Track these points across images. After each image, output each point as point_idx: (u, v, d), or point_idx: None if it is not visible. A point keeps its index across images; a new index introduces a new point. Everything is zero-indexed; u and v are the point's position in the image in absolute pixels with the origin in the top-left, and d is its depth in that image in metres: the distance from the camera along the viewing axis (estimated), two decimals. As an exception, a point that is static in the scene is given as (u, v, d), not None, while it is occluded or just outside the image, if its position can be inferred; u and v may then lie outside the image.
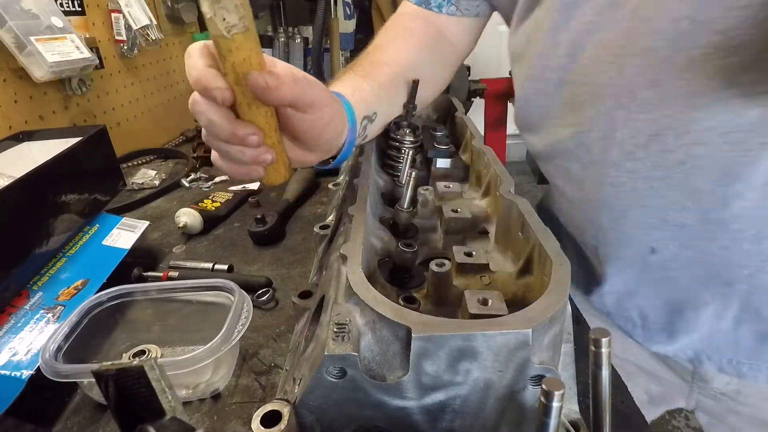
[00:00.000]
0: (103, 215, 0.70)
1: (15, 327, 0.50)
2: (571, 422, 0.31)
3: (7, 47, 0.84)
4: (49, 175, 0.59)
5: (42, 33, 0.89)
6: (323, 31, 0.90)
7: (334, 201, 0.68)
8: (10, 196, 0.52)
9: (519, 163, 3.36)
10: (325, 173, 1.00)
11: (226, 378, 0.48)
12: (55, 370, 0.41)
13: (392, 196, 0.56)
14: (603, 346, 0.27)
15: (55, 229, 0.59)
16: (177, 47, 1.49)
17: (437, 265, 0.37)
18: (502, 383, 0.28)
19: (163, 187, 0.98)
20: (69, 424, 0.45)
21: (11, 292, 0.53)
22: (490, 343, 0.26)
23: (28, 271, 0.56)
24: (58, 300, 0.55)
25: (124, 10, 1.15)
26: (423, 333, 0.26)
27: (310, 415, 0.32)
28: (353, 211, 0.41)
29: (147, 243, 0.77)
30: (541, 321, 0.26)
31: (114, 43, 1.18)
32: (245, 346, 0.52)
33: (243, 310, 0.46)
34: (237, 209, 0.88)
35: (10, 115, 0.88)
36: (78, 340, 0.46)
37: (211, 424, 0.44)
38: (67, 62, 0.93)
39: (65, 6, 1.03)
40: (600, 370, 0.27)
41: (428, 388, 0.28)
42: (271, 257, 0.71)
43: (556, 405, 0.24)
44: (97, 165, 0.71)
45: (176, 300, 0.51)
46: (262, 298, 0.59)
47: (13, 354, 0.47)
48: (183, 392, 0.46)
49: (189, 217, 0.77)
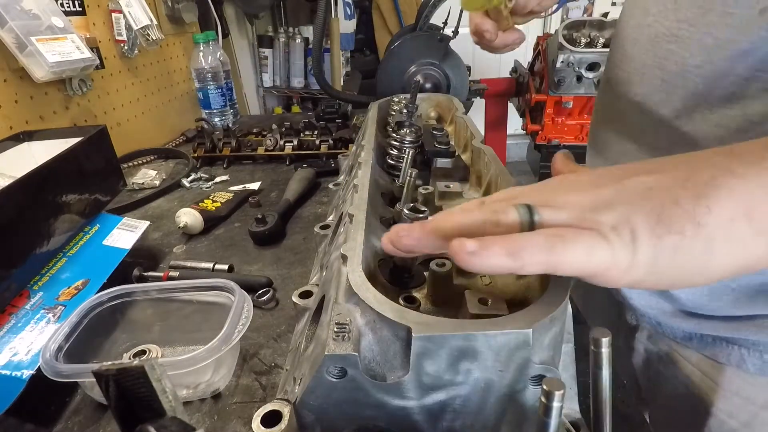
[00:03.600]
0: (103, 215, 0.70)
1: (15, 327, 0.50)
2: (571, 422, 0.31)
3: (8, 47, 0.84)
4: (50, 175, 0.59)
5: (43, 33, 0.89)
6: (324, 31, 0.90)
7: (334, 201, 0.68)
8: (11, 196, 0.52)
9: (519, 163, 3.36)
10: (325, 173, 1.00)
11: (227, 378, 0.48)
12: (56, 370, 0.41)
13: (392, 196, 0.56)
14: (603, 346, 0.27)
15: (55, 229, 0.59)
16: (177, 47, 1.49)
17: (437, 265, 0.37)
18: (503, 383, 0.28)
19: (164, 187, 0.98)
20: (69, 424, 0.45)
21: (12, 292, 0.53)
22: (490, 343, 0.26)
23: (28, 271, 0.56)
24: (58, 300, 0.55)
25: (125, 10, 1.15)
26: (423, 333, 0.26)
27: (311, 415, 0.32)
28: (353, 211, 0.41)
29: (147, 243, 0.77)
30: (542, 321, 0.26)
31: (114, 43, 1.18)
32: (246, 346, 0.52)
33: (243, 310, 0.46)
34: (237, 209, 0.88)
35: (11, 116, 0.88)
36: (78, 340, 0.46)
37: (212, 424, 0.44)
38: (68, 62, 0.93)
39: (66, 6, 1.03)
40: (600, 370, 0.27)
41: (429, 388, 0.28)
42: (271, 257, 0.71)
43: (557, 405, 0.24)
44: (97, 165, 0.71)
45: (177, 300, 0.51)
46: (263, 298, 0.59)
47: (14, 354, 0.47)
48: (183, 392, 0.46)
49: (189, 217, 0.77)
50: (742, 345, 0.48)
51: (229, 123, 1.38)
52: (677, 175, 0.25)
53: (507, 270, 0.25)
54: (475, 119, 0.75)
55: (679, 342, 0.54)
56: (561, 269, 0.25)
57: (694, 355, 0.53)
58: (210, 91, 1.33)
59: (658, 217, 0.24)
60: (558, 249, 0.24)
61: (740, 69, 0.38)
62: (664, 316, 0.54)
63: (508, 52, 0.70)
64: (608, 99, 0.56)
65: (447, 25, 1.03)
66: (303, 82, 2.68)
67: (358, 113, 1.36)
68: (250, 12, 2.39)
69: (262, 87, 2.72)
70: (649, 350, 0.59)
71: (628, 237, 0.24)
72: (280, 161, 1.10)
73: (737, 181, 0.24)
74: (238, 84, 2.27)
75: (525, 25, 0.68)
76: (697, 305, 0.49)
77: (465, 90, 1.04)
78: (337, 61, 2.19)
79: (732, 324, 0.48)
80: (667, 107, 0.45)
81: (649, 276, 0.25)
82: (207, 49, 1.30)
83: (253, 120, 1.57)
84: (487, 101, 2.22)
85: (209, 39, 1.30)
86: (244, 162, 1.12)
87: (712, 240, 0.23)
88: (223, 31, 1.88)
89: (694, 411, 0.55)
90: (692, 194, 0.24)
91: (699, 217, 0.23)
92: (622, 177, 0.27)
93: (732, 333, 0.48)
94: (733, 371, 0.50)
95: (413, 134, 0.59)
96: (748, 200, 0.23)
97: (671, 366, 0.57)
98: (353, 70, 2.48)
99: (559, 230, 0.25)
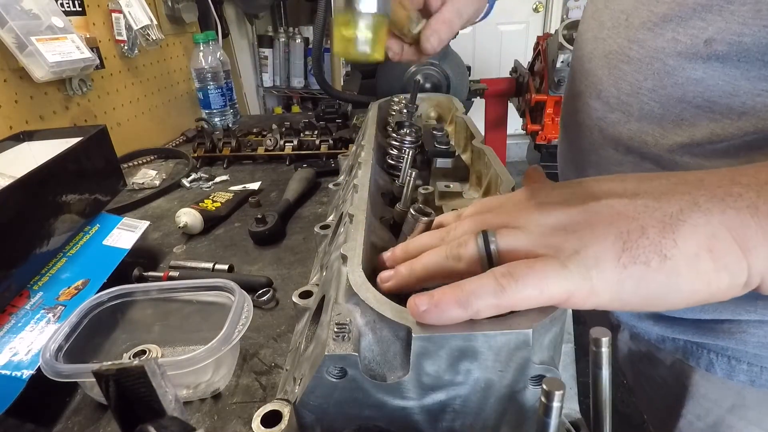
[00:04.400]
0: (103, 215, 0.70)
1: (15, 327, 0.50)
2: (571, 422, 0.31)
3: (8, 47, 0.84)
4: (50, 175, 0.59)
5: (43, 33, 0.89)
6: (324, 31, 0.90)
7: (334, 201, 0.68)
8: (11, 196, 0.52)
9: (519, 163, 3.36)
10: (325, 173, 1.00)
11: (227, 378, 0.48)
12: (56, 370, 0.41)
13: (392, 196, 0.56)
14: (603, 346, 0.27)
15: (55, 229, 0.59)
16: (177, 47, 1.49)
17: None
18: (503, 383, 0.28)
19: (164, 187, 0.98)
20: (70, 424, 0.45)
21: (12, 292, 0.53)
22: (490, 343, 0.26)
23: (28, 271, 0.56)
24: (58, 300, 0.55)
25: (125, 10, 1.15)
26: (423, 333, 0.26)
27: (311, 415, 0.32)
28: (353, 211, 0.41)
29: (147, 243, 0.77)
30: (542, 321, 0.26)
31: (114, 43, 1.18)
32: (246, 346, 0.52)
33: (243, 310, 0.46)
34: (237, 209, 0.88)
35: (11, 115, 0.88)
36: (78, 340, 0.46)
37: (212, 424, 0.44)
38: (68, 62, 0.93)
39: (66, 6, 1.03)
40: (600, 370, 0.27)
41: (429, 388, 0.28)
42: (271, 257, 0.71)
43: (557, 405, 0.24)
44: (97, 165, 0.71)
45: (177, 300, 0.51)
46: (263, 298, 0.59)
47: (14, 354, 0.47)
48: (183, 392, 0.46)
49: (189, 217, 0.77)
50: (711, 349, 0.48)
51: (229, 123, 1.38)
52: (648, 202, 0.25)
53: (463, 319, 0.26)
54: (475, 119, 0.75)
55: (653, 343, 0.55)
56: (518, 307, 0.25)
57: (669, 357, 0.54)
58: (210, 91, 1.33)
59: (624, 244, 0.24)
60: (508, 291, 0.24)
61: (690, 96, 0.39)
62: (637, 319, 0.54)
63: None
64: (569, 110, 0.56)
65: (447, 25, 1.02)
66: (303, 82, 2.68)
67: (358, 113, 1.36)
68: (250, 12, 2.39)
69: (262, 87, 2.72)
70: (631, 349, 0.60)
71: (591, 262, 0.24)
72: (280, 161, 1.10)
73: (701, 217, 0.24)
74: (238, 84, 2.27)
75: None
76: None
77: (465, 90, 1.04)
78: (338, 61, 2.19)
79: (701, 328, 0.48)
80: (624, 127, 0.45)
81: (614, 301, 0.25)
82: (207, 49, 1.30)
83: (253, 120, 1.57)
84: (487, 101, 2.22)
85: (209, 39, 1.30)
86: (244, 162, 1.12)
87: (677, 273, 0.24)
88: (223, 31, 1.89)
89: (669, 411, 0.55)
90: (660, 226, 0.24)
91: (666, 250, 0.24)
92: (591, 197, 0.27)
93: (701, 337, 0.48)
94: (702, 374, 0.50)
95: (413, 134, 0.59)
96: (710, 237, 0.23)
97: (650, 366, 0.57)
98: (353, 70, 2.48)
99: (510, 267, 0.25)
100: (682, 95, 0.39)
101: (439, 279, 0.29)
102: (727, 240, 0.23)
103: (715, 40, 0.35)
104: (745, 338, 0.45)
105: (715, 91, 0.37)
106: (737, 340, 0.45)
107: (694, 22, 0.37)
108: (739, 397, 0.49)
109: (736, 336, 0.45)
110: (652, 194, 0.26)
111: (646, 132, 0.43)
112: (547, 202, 0.29)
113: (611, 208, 0.26)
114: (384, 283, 0.32)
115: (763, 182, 0.24)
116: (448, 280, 0.27)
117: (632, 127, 0.44)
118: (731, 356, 0.47)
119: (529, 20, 3.17)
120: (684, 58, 0.38)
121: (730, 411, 0.50)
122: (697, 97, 0.38)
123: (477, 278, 0.26)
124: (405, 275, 0.31)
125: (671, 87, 0.40)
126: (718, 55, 0.36)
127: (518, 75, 2.21)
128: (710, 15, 0.35)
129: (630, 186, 0.27)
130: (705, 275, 0.24)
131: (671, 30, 0.38)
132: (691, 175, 0.27)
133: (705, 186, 0.25)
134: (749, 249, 0.23)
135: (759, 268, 0.23)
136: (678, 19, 0.38)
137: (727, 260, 0.23)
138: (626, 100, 0.44)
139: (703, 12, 0.36)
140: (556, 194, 0.29)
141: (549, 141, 2.08)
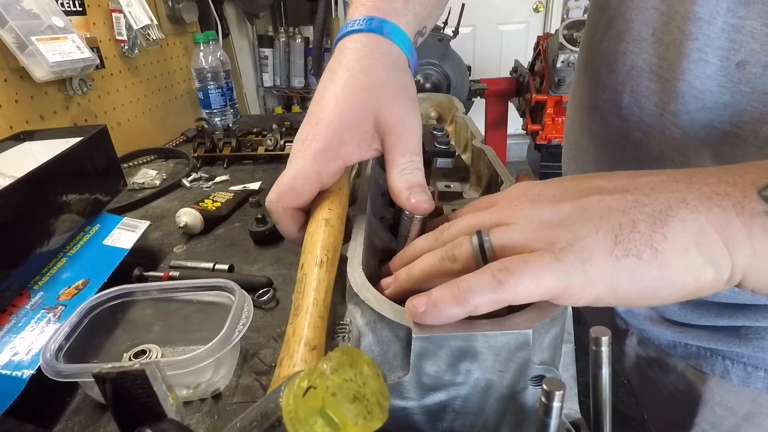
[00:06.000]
0: (103, 215, 0.70)
1: (16, 327, 0.50)
2: (571, 422, 0.31)
3: (8, 47, 0.84)
4: (50, 175, 0.59)
5: (43, 33, 0.89)
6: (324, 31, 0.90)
7: (335, 201, 0.68)
8: (11, 196, 0.52)
9: (519, 163, 3.36)
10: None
11: (227, 378, 0.48)
12: (56, 369, 0.41)
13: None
14: (603, 346, 0.27)
15: (55, 229, 0.59)
16: (178, 47, 1.49)
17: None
18: (503, 383, 0.28)
19: (164, 187, 0.98)
20: (70, 424, 0.45)
21: (12, 292, 0.53)
22: (490, 344, 0.26)
23: (28, 271, 0.56)
24: (59, 300, 0.55)
25: (125, 9, 1.15)
26: (423, 333, 0.26)
27: (311, 415, 0.32)
28: (353, 211, 0.41)
29: (148, 243, 0.77)
30: (542, 321, 0.26)
31: (115, 43, 1.18)
32: (246, 345, 0.53)
33: (244, 310, 0.46)
34: (238, 209, 0.88)
35: (11, 115, 0.88)
36: (79, 339, 0.46)
37: (212, 424, 0.44)
38: (68, 62, 0.93)
39: (66, 6, 1.03)
40: (600, 370, 0.27)
41: (429, 389, 0.28)
42: (271, 257, 0.71)
43: (557, 405, 0.24)
44: (97, 165, 0.71)
45: (177, 300, 0.51)
46: (263, 298, 0.59)
47: (14, 354, 0.47)
48: (184, 392, 0.46)
49: (190, 217, 0.77)
50: (726, 356, 0.48)
51: (230, 123, 1.38)
52: (638, 198, 0.26)
53: (462, 316, 0.26)
54: (476, 119, 0.75)
55: (664, 349, 0.54)
56: (516, 301, 0.25)
57: (680, 363, 0.53)
58: (210, 91, 1.33)
59: (616, 237, 0.25)
60: (506, 285, 0.25)
61: (717, 122, 0.38)
62: (649, 323, 0.54)
63: None
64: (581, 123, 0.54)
65: (447, 25, 1.03)
66: (303, 81, 2.68)
67: (359, 113, 1.36)
68: (250, 12, 2.39)
69: (262, 87, 2.72)
70: (639, 355, 0.59)
71: (585, 255, 0.25)
72: (280, 161, 1.10)
73: (689, 213, 0.24)
74: (239, 84, 2.27)
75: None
76: (681, 314, 0.49)
77: (465, 90, 1.04)
78: (338, 60, 2.18)
79: (716, 334, 0.47)
80: (646, 149, 0.43)
81: (609, 294, 0.25)
82: (207, 48, 1.30)
83: (253, 120, 1.57)
84: (488, 101, 2.22)
85: (209, 39, 1.30)
86: (245, 162, 1.12)
87: (668, 266, 0.24)
88: (224, 31, 1.89)
89: (680, 418, 0.55)
90: (650, 221, 0.25)
91: (656, 244, 0.24)
92: (582, 193, 0.28)
93: (716, 344, 0.48)
94: (716, 381, 0.49)
95: (413, 134, 0.59)
96: (698, 233, 0.24)
97: (659, 372, 0.56)
98: (353, 70, 2.48)
99: (506, 262, 0.26)
100: (709, 120, 0.38)
101: (437, 281, 0.29)
102: (713, 236, 0.24)
103: (748, 63, 0.35)
104: (763, 345, 0.44)
105: (743, 116, 0.36)
106: (754, 346, 0.45)
107: (723, 43, 0.35)
108: (756, 404, 0.48)
109: (753, 342, 0.45)
110: (642, 190, 0.26)
111: (669, 159, 0.42)
112: (540, 198, 0.29)
113: (602, 203, 0.26)
114: (385, 290, 0.32)
115: (749, 183, 0.24)
116: (446, 281, 0.27)
117: (654, 150, 0.43)
118: (747, 363, 0.46)
119: (529, 20, 3.17)
120: (713, 81, 0.37)
121: (745, 419, 0.49)
122: (724, 122, 0.37)
123: (473, 274, 0.26)
124: (403, 280, 0.31)
125: (696, 112, 0.38)
126: (749, 78, 0.35)
127: (518, 75, 2.21)
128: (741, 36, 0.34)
129: (621, 182, 0.28)
130: (694, 270, 0.24)
131: (696, 50, 0.37)
132: (680, 173, 0.27)
133: (693, 184, 0.26)
134: (733, 246, 0.24)
135: (741, 264, 0.24)
136: (706, 39, 0.36)
137: (713, 256, 0.24)
138: (649, 122, 0.42)
139: (733, 33, 0.35)
140: (549, 190, 0.30)
141: (549, 141, 2.08)
